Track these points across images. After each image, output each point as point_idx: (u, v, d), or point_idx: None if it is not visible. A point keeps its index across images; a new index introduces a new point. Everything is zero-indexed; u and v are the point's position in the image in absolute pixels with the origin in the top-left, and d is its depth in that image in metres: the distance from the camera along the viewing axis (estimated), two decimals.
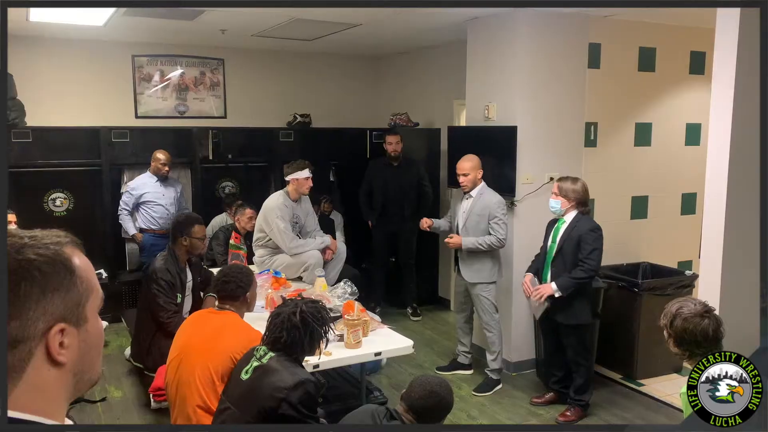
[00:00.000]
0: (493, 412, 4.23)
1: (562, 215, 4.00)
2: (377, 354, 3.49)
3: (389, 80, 7.33)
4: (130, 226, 5.64)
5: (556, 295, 3.91)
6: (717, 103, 3.18)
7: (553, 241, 4.01)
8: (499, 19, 4.71)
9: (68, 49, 5.99)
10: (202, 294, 4.25)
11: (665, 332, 2.42)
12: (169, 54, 6.50)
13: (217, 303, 3.16)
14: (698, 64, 5.27)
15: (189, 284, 4.15)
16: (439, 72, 6.38)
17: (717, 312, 2.44)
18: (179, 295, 4.01)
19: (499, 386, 4.53)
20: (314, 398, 2.43)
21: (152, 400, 3.94)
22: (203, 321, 3.10)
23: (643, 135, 5.19)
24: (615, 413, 4.20)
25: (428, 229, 4.72)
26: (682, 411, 2.38)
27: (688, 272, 4.76)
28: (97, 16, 4.93)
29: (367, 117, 7.22)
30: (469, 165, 4.35)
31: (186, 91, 6.62)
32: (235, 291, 3.06)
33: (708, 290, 3.21)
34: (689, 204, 5.49)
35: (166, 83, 6.52)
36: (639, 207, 5.28)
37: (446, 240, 4.50)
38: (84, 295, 0.90)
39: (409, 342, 3.60)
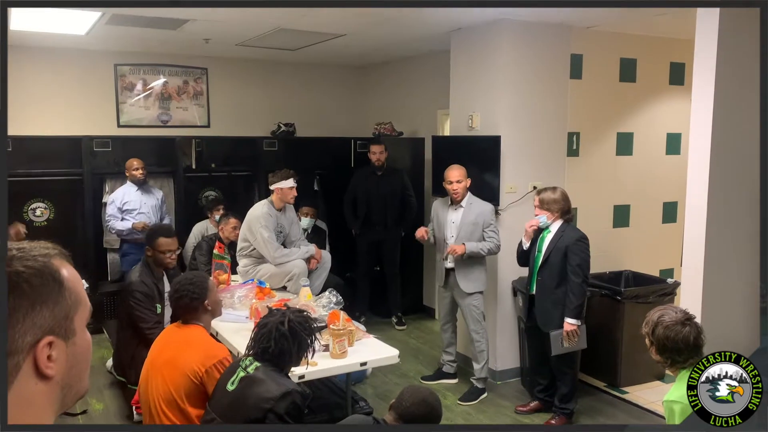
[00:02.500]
0: (478, 420, 4.23)
1: (548, 226, 4.02)
2: (363, 364, 3.47)
3: (374, 90, 7.35)
4: (125, 225, 5.39)
5: (572, 325, 3.90)
6: (697, 112, 3.24)
7: (539, 251, 4.03)
8: (482, 30, 4.75)
9: (50, 57, 5.93)
10: None
11: (647, 340, 2.44)
12: (152, 63, 6.46)
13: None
14: (678, 74, 5.36)
15: (167, 294, 4.10)
16: (423, 82, 6.41)
17: (699, 319, 2.47)
18: (158, 306, 3.97)
19: (484, 395, 4.53)
20: (301, 409, 2.41)
21: (134, 412, 3.89)
22: (167, 338, 2.92)
23: (624, 144, 5.25)
24: (599, 421, 4.22)
25: (423, 239, 4.63)
26: (664, 418, 2.39)
27: (670, 280, 4.80)
28: (79, 25, 4.88)
29: (351, 126, 7.22)
30: (461, 173, 4.36)
31: (169, 100, 6.58)
32: (190, 304, 2.84)
33: (690, 297, 3.25)
34: (670, 212, 5.56)
35: (148, 92, 6.48)
36: (621, 215, 5.34)
37: (448, 251, 4.39)
38: (72, 308, 0.89)
39: (395, 351, 3.59)
